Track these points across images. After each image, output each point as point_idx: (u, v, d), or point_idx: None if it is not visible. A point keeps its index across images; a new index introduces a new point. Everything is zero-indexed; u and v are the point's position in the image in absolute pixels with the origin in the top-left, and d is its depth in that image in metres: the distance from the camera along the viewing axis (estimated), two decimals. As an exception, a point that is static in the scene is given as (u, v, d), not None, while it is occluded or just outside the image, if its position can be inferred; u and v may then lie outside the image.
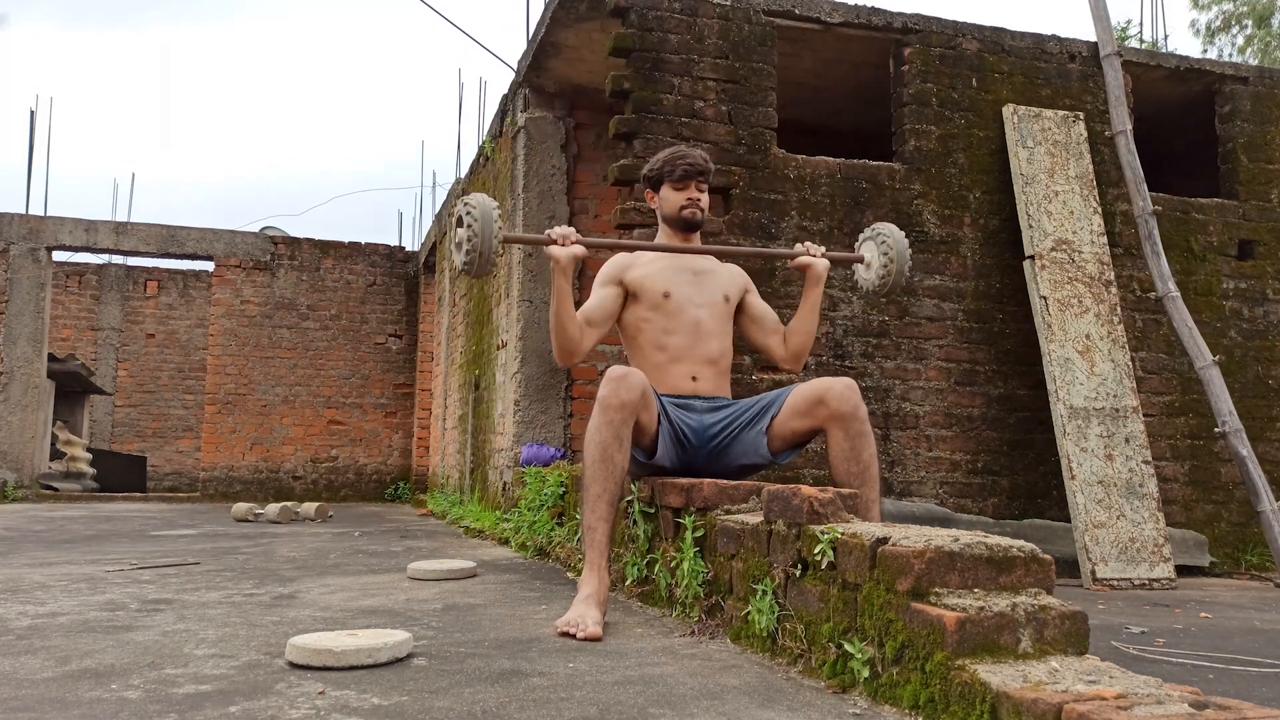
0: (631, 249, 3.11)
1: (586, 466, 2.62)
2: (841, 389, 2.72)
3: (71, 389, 11.88)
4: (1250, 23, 17.54)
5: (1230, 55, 17.47)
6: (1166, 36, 11.29)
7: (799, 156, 4.79)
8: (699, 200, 2.95)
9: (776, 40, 4.81)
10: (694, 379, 2.93)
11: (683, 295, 2.96)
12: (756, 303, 3.14)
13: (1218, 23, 17.98)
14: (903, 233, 3.10)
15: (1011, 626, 1.63)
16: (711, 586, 2.53)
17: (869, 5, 4.97)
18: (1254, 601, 3.75)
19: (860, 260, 3.19)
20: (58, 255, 11.10)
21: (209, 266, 11.73)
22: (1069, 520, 4.50)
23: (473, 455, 7.42)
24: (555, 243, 2.76)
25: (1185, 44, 23.94)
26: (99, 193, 51.09)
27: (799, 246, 3.10)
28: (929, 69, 4.99)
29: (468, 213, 2.70)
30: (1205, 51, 17.92)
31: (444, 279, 9.56)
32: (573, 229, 2.81)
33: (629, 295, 2.99)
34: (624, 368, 2.71)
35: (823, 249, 3.08)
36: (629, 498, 3.02)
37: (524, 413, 5.74)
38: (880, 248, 3.09)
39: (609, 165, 5.04)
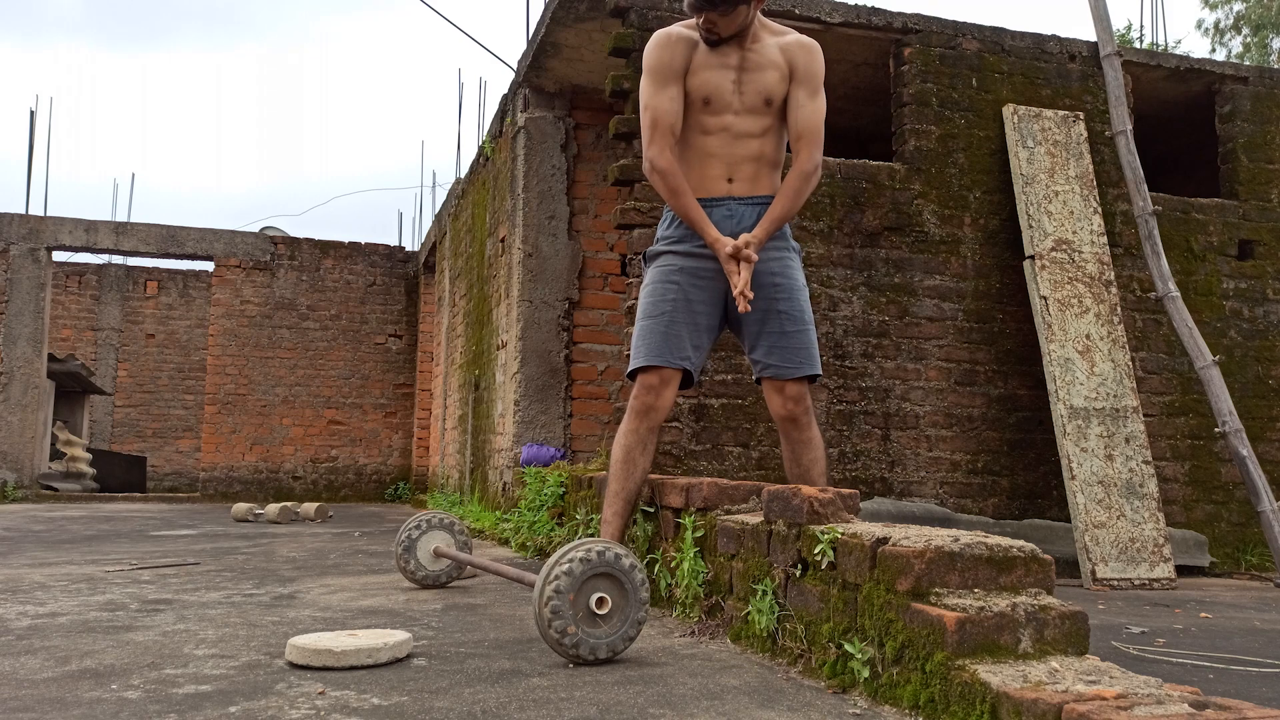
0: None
1: (611, 464, 2.90)
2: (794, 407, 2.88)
3: (71, 389, 11.88)
4: (1248, 30, 17.50)
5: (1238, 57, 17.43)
6: (1167, 44, 11.24)
7: (799, 156, 4.78)
8: (715, 25, 2.88)
9: (776, 40, 4.80)
10: (729, 180, 2.93)
11: (722, 101, 2.92)
12: (794, 99, 2.94)
13: (1229, 22, 17.89)
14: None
15: (1011, 626, 1.63)
16: (711, 586, 2.53)
17: (869, 5, 4.97)
18: (1254, 601, 3.75)
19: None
20: (58, 255, 11.10)
21: (209, 267, 11.73)
22: (1069, 520, 4.50)
23: (473, 455, 7.42)
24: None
25: (1193, 45, 23.90)
26: (99, 195, 51.16)
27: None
28: (929, 69, 4.99)
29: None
30: (1214, 52, 17.86)
31: (444, 279, 9.55)
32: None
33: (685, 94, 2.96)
34: (658, 375, 2.80)
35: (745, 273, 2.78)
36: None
37: (524, 413, 5.74)
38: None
39: (609, 165, 5.04)
